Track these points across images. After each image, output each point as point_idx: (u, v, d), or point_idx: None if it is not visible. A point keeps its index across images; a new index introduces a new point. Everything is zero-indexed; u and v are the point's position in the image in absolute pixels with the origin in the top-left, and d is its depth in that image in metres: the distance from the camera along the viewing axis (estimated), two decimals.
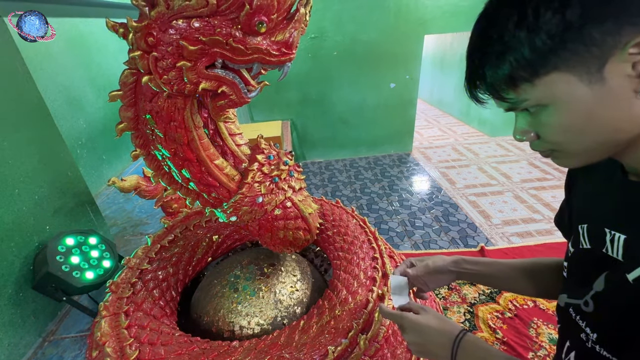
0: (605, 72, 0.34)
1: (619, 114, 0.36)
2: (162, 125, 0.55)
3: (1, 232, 0.80)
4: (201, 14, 0.42)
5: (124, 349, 0.70)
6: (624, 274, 0.41)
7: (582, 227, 0.51)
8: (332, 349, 0.71)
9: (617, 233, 0.43)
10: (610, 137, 0.38)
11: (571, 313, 0.53)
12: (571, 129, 0.39)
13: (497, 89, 0.40)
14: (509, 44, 0.37)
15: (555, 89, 0.37)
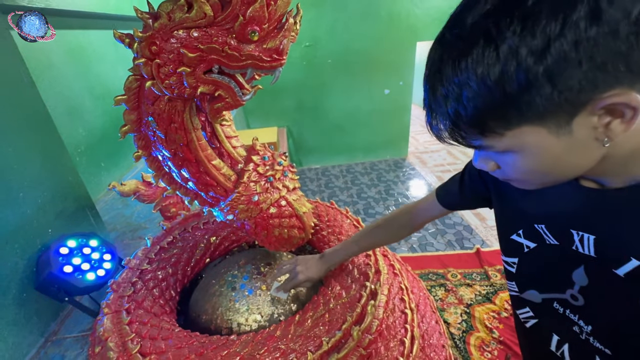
0: (574, 124, 0.34)
1: (582, 159, 0.38)
2: (163, 126, 0.59)
3: (6, 234, 0.83)
4: (199, 25, 0.47)
5: (125, 343, 0.72)
6: (611, 269, 0.43)
7: (539, 227, 0.52)
8: (327, 339, 0.74)
9: (585, 234, 0.46)
10: (572, 174, 0.41)
11: (557, 308, 0.55)
12: (535, 172, 0.40)
13: (460, 132, 0.38)
14: (481, 90, 0.33)
15: (524, 139, 0.36)
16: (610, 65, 0.29)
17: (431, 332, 1.08)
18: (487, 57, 0.31)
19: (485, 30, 0.31)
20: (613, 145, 0.36)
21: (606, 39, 0.28)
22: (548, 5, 0.29)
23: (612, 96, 0.31)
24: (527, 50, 0.30)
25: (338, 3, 3.37)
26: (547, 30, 0.29)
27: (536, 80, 0.31)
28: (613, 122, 0.33)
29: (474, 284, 2.20)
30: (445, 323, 1.95)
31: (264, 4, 0.46)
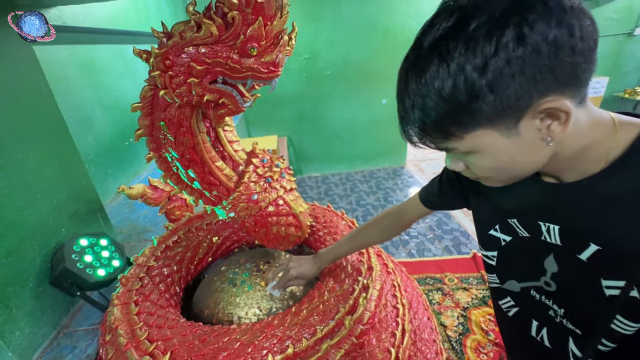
0: (520, 127, 0.39)
1: (533, 156, 0.43)
2: (173, 130, 0.67)
3: (25, 231, 0.90)
4: (207, 42, 0.55)
5: (134, 331, 0.78)
6: (575, 255, 0.48)
7: (512, 221, 0.58)
8: (321, 327, 0.79)
9: (551, 224, 0.51)
10: (528, 170, 0.46)
11: (534, 295, 0.59)
12: (496, 170, 0.45)
13: (431, 139, 0.44)
14: (439, 102, 0.39)
15: (480, 141, 0.41)
16: (539, 77, 0.35)
17: (423, 328, 1.13)
18: (441, 73, 0.37)
19: (439, 51, 0.37)
20: (562, 146, 0.42)
21: (531, 57, 0.34)
22: (484, 30, 0.35)
23: (546, 102, 0.37)
24: (471, 67, 0.35)
25: (336, 17, 3.51)
26: (484, 51, 0.35)
27: (481, 91, 0.36)
28: (552, 124, 0.39)
29: (470, 287, 2.24)
30: (442, 326, 1.99)
31: (261, 24, 0.54)
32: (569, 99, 0.37)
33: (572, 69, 0.36)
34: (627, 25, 3.99)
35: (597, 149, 0.43)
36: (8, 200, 0.85)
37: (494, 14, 0.34)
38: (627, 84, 4.32)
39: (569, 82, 0.36)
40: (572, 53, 0.35)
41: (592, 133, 0.42)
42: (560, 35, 0.34)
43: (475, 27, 0.35)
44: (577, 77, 0.37)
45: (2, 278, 0.81)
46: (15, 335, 0.82)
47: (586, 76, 0.37)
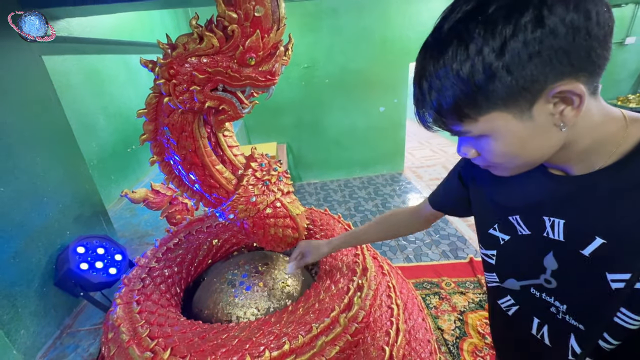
0: (534, 111, 0.40)
1: (545, 142, 0.43)
2: (176, 135, 0.71)
3: (32, 233, 0.93)
4: (208, 53, 0.59)
5: (136, 328, 0.81)
6: (577, 250, 0.49)
7: (513, 218, 0.58)
8: (316, 325, 0.82)
9: (556, 219, 0.51)
10: (539, 157, 0.46)
11: (534, 293, 0.60)
12: (507, 154, 0.45)
13: (445, 122, 0.45)
14: (456, 83, 0.40)
15: (494, 124, 0.42)
16: (555, 59, 0.36)
17: (417, 328, 1.15)
18: (460, 55, 0.38)
19: (458, 33, 0.39)
20: (575, 136, 0.43)
21: (548, 39, 0.35)
22: (503, 12, 0.36)
23: (560, 85, 0.37)
24: (489, 49, 0.37)
25: (334, 28, 3.60)
26: (503, 32, 0.36)
27: (498, 72, 0.37)
28: (566, 109, 0.39)
29: (467, 292, 2.25)
30: (439, 329, 2.00)
31: (259, 37, 0.59)
32: (582, 84, 0.38)
33: (587, 53, 0.37)
34: (618, 35, 4.09)
35: (608, 143, 0.44)
36: (17, 202, 0.89)
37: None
38: (620, 91, 4.40)
39: (584, 66, 0.37)
40: (588, 37, 0.36)
41: (605, 127, 0.43)
42: (578, 19, 0.35)
43: (495, 9, 0.36)
44: (592, 62, 0.37)
45: (10, 278, 0.84)
46: (20, 333, 0.85)
47: (600, 62, 0.38)
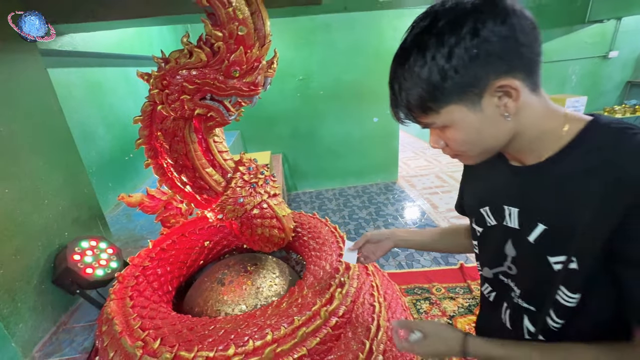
0: (483, 103, 0.48)
1: (496, 130, 0.51)
2: (169, 139, 0.78)
3: (32, 233, 0.99)
4: (197, 67, 0.67)
5: (128, 321, 0.86)
6: (525, 237, 0.55)
7: (484, 210, 0.66)
8: (298, 318, 0.88)
9: (512, 207, 0.58)
10: (494, 144, 0.54)
11: (502, 279, 0.67)
12: (467, 142, 0.53)
13: (414, 114, 0.53)
14: (419, 83, 0.49)
15: (453, 115, 0.50)
16: (492, 61, 0.45)
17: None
18: (419, 61, 0.47)
19: (417, 44, 0.48)
20: (522, 126, 0.51)
21: (483, 45, 0.44)
22: (449, 27, 0.45)
23: (499, 81, 0.46)
24: (440, 55, 0.46)
25: (328, 42, 3.73)
26: (449, 42, 0.45)
27: (448, 72, 0.46)
28: (508, 102, 0.48)
29: (457, 297, 2.30)
30: None
31: (242, 52, 0.67)
32: (518, 81, 0.47)
33: (518, 56, 0.46)
34: (602, 49, 4.25)
35: (551, 135, 0.52)
36: (19, 203, 0.95)
37: (456, 15, 0.45)
38: (606, 102, 4.54)
39: (517, 66, 0.46)
40: (516, 43, 0.45)
41: (548, 121, 0.52)
42: (505, 30, 0.44)
43: (443, 24, 0.46)
44: (524, 63, 0.47)
45: (11, 274, 0.90)
46: (19, 327, 0.90)
47: (531, 63, 0.48)
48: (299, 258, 1.51)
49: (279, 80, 3.78)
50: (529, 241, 0.56)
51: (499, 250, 0.64)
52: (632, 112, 4.26)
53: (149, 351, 0.79)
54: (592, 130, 0.50)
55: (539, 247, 0.55)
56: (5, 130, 0.93)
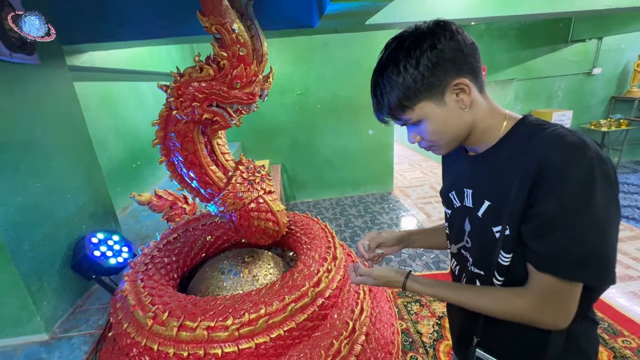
0: (446, 99, 0.62)
1: (458, 120, 0.64)
2: (180, 139, 0.93)
3: (57, 223, 1.13)
4: (206, 79, 0.83)
5: (140, 298, 0.99)
6: (476, 213, 0.68)
7: (452, 194, 0.79)
8: (288, 296, 1.00)
9: (468, 189, 0.71)
10: (458, 134, 0.66)
11: (463, 253, 0.78)
12: (437, 132, 0.65)
13: (394, 113, 0.66)
14: (396, 87, 0.62)
15: (425, 110, 0.63)
16: (448, 66, 0.59)
17: (383, 313, 1.32)
18: (395, 70, 0.61)
19: (391, 59, 0.62)
20: (475, 121, 0.65)
21: (440, 55, 0.59)
22: (413, 44, 0.59)
23: (455, 80, 0.60)
24: (409, 65, 0.60)
25: (326, 59, 3.96)
26: (415, 54, 0.59)
27: (417, 77, 0.60)
28: (464, 96, 0.62)
29: None
30: (418, 333, 2.13)
31: (242, 69, 0.83)
32: (468, 80, 0.61)
33: (465, 62, 0.61)
34: (586, 66, 4.47)
35: (495, 129, 0.67)
36: (48, 196, 1.10)
37: (418, 36, 0.61)
38: (592, 116, 4.73)
39: (466, 69, 0.61)
40: (462, 53, 0.60)
41: (492, 117, 0.66)
42: (453, 44, 0.60)
43: (409, 43, 0.61)
44: (470, 68, 0.61)
45: (39, 256, 1.03)
46: (43, 304, 1.03)
47: (476, 69, 0.62)
48: (293, 255, 1.63)
49: (279, 94, 3.98)
50: (479, 216, 0.69)
51: (460, 227, 0.77)
52: (617, 126, 4.44)
53: (159, 321, 0.92)
54: (520, 126, 0.65)
55: (485, 220, 0.68)
56: (40, 134, 1.08)
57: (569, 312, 0.61)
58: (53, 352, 0.97)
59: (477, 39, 3.59)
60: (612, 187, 0.55)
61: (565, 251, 0.56)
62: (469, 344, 0.79)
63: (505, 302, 0.65)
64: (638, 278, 2.50)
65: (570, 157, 0.54)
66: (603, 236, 0.55)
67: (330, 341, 1.01)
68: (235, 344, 0.91)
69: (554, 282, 0.59)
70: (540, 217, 0.57)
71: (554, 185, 0.55)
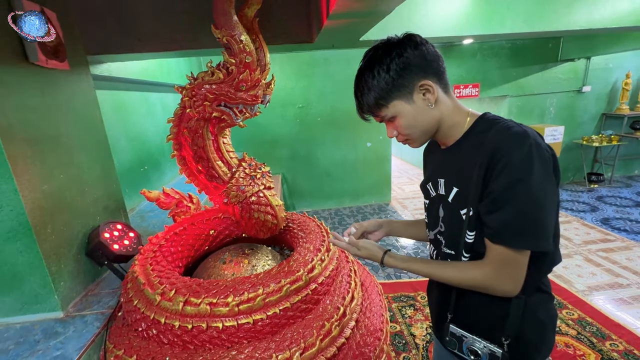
0: (414, 97, 0.73)
1: (426, 116, 0.75)
2: (191, 135, 1.06)
3: (76, 212, 1.24)
4: (216, 82, 0.96)
5: (149, 278, 1.09)
6: (447, 199, 0.79)
7: (429, 185, 0.90)
8: (285, 279, 1.10)
9: (441, 179, 0.82)
10: (428, 128, 0.77)
11: (438, 237, 0.89)
12: (409, 126, 0.77)
13: (372, 111, 0.79)
14: (373, 89, 0.75)
15: (397, 108, 0.75)
16: (414, 70, 0.72)
17: (373, 304, 1.40)
18: (370, 75, 0.74)
19: (367, 66, 0.75)
20: (442, 118, 0.77)
21: (407, 61, 0.71)
22: (384, 53, 0.73)
23: (421, 82, 0.73)
24: (382, 70, 0.72)
25: (326, 74, 4.16)
26: (386, 61, 0.72)
27: (388, 80, 0.72)
28: (429, 96, 0.74)
29: None
30: (411, 335, 2.19)
31: (248, 74, 0.96)
32: (432, 81, 0.74)
33: (429, 66, 0.73)
34: (576, 84, 4.66)
35: (460, 125, 0.79)
36: (69, 187, 1.21)
37: (388, 46, 0.73)
38: (584, 132, 4.88)
39: (430, 72, 0.73)
40: (425, 60, 0.73)
41: (456, 114, 0.78)
42: (418, 52, 0.72)
43: (381, 52, 0.74)
44: (434, 71, 0.73)
45: (59, 240, 1.14)
46: (60, 284, 1.12)
47: (440, 72, 0.74)
48: (291, 253, 1.73)
49: (281, 107, 4.16)
50: (449, 201, 0.80)
51: (436, 214, 0.88)
52: (608, 142, 4.58)
53: (166, 298, 1.01)
54: (480, 121, 0.78)
55: (454, 205, 0.79)
56: (65, 131, 1.21)
57: (518, 280, 0.71)
58: (68, 327, 1.06)
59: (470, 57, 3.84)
60: (548, 168, 0.66)
61: (511, 223, 0.67)
62: (445, 321, 0.88)
63: (465, 273, 0.75)
64: (627, 286, 2.56)
65: (513, 144, 0.66)
66: (540, 209, 0.66)
67: (322, 322, 1.09)
68: (234, 319, 1.00)
69: (504, 251, 0.69)
70: (491, 195, 0.69)
71: (502, 167, 0.66)
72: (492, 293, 0.73)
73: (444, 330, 0.88)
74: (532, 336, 0.77)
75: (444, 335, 0.87)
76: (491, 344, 0.76)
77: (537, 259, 0.72)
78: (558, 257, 0.78)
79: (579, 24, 1.90)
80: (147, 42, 1.58)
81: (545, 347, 0.79)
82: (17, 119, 1.00)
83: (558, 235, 0.76)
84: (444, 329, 0.88)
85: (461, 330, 0.84)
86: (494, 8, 1.87)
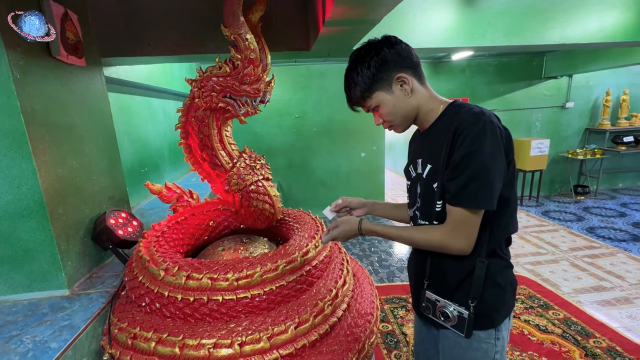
0: (393, 88, 0.84)
1: (405, 104, 0.86)
2: (198, 123, 1.16)
3: (84, 197, 1.31)
4: (223, 75, 1.07)
5: (153, 257, 1.16)
6: (423, 176, 0.91)
7: (410, 167, 1.00)
8: (281, 260, 1.18)
9: (419, 159, 0.91)
10: (407, 114, 0.88)
11: (416, 213, 0.97)
12: (391, 113, 0.87)
13: (360, 103, 0.90)
14: (358, 83, 0.86)
15: (379, 98, 0.86)
16: (390, 65, 0.83)
17: (364, 292, 1.47)
18: (355, 72, 0.86)
19: (353, 65, 0.87)
20: (420, 106, 0.88)
21: (384, 58, 0.83)
22: (366, 52, 0.85)
23: (397, 74, 0.84)
24: (364, 67, 0.84)
25: (322, 86, 4.34)
26: (367, 59, 0.84)
27: (370, 75, 0.84)
28: (406, 87, 0.85)
29: None
30: (403, 334, 2.23)
31: (252, 69, 1.08)
32: (407, 74, 0.85)
33: (402, 60, 0.84)
34: (559, 100, 4.90)
35: (434, 111, 0.90)
36: (79, 174, 1.29)
37: (368, 47, 0.85)
38: (569, 146, 5.08)
39: (404, 66, 0.84)
40: (400, 56, 0.84)
41: (431, 102, 0.89)
42: (393, 50, 0.84)
43: (363, 51, 0.86)
44: (409, 65, 0.85)
45: (69, 222, 1.21)
46: (68, 263, 1.18)
47: (414, 65, 0.85)
48: (285, 241, 1.80)
49: (278, 117, 4.30)
50: (424, 178, 0.90)
51: (415, 191, 0.97)
52: (592, 155, 4.78)
53: (170, 273, 1.08)
54: (450, 107, 0.89)
55: (428, 180, 0.89)
56: (79, 121, 1.31)
57: (471, 238, 0.81)
58: (74, 303, 1.12)
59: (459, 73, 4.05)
60: (498, 142, 0.78)
61: (466, 186, 0.78)
62: (422, 288, 0.97)
63: (427, 233, 0.86)
64: (610, 289, 2.65)
65: (471, 120, 0.78)
66: (489, 175, 0.77)
67: (316, 301, 1.16)
68: (234, 293, 1.07)
69: (460, 212, 0.80)
70: (453, 164, 0.80)
71: (462, 140, 0.78)
72: (448, 252, 0.83)
73: (421, 297, 0.96)
74: (491, 298, 0.86)
75: (421, 301, 0.95)
76: (460, 306, 0.85)
77: (489, 223, 0.82)
78: (513, 225, 0.88)
79: (553, 39, 2.08)
80: (156, 46, 1.70)
81: (503, 309, 0.88)
82: (39, 106, 1.10)
83: (515, 206, 0.87)
84: (421, 296, 0.96)
85: (435, 295, 0.92)
86: (476, 22, 2.05)
